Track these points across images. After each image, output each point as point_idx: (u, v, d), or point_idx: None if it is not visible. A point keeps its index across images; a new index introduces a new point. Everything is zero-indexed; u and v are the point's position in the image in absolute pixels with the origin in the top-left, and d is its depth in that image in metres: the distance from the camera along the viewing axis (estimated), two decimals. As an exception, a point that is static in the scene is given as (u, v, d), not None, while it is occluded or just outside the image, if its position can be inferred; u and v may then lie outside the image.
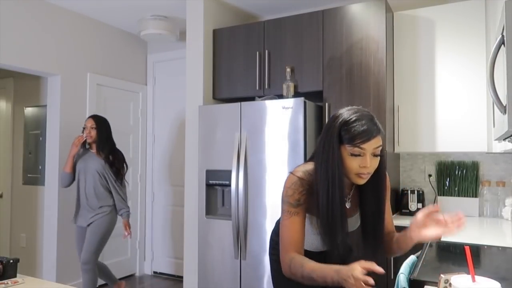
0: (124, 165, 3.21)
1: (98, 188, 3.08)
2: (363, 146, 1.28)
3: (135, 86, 4.35)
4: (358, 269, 1.12)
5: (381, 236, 1.44)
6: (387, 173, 1.45)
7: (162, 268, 4.33)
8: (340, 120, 1.33)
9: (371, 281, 1.09)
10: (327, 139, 1.34)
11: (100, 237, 3.05)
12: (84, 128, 3.12)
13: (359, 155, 1.30)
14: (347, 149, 1.30)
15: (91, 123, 3.11)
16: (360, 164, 1.30)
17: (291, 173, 1.42)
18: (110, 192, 3.13)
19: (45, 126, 3.65)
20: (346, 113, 1.35)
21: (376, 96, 2.72)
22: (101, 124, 3.15)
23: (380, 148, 1.32)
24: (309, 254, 1.37)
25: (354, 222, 1.49)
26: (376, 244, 1.44)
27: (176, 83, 4.28)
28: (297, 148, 2.68)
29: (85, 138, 3.11)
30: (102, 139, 3.13)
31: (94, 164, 3.08)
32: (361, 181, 1.34)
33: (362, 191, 1.45)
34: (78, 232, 3.15)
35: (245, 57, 3.21)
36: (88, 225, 3.05)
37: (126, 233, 3.20)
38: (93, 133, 3.10)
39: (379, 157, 1.34)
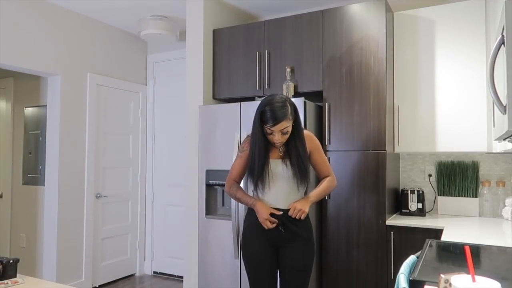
0: None
1: None
2: (272, 128, 1.88)
3: (135, 86, 4.35)
4: (263, 215, 1.96)
5: (305, 172, 1.99)
6: (311, 134, 2.11)
7: (162, 268, 4.33)
8: (258, 109, 1.93)
9: (271, 223, 1.95)
10: (254, 120, 1.96)
11: None
12: None
13: (271, 133, 1.90)
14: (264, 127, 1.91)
15: None
16: (272, 139, 1.92)
17: (248, 135, 2.07)
18: None
19: (45, 126, 3.65)
20: (263, 102, 1.93)
21: (376, 96, 2.72)
22: None
23: (287, 128, 1.89)
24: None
25: (280, 164, 2.00)
26: (301, 177, 1.99)
27: (176, 83, 4.28)
28: (297, 148, 2.67)
29: None
30: None
31: None
32: (278, 146, 1.97)
33: (288, 145, 1.99)
34: None
35: (245, 57, 3.21)
36: None
37: None
38: None
39: (288, 133, 1.91)
